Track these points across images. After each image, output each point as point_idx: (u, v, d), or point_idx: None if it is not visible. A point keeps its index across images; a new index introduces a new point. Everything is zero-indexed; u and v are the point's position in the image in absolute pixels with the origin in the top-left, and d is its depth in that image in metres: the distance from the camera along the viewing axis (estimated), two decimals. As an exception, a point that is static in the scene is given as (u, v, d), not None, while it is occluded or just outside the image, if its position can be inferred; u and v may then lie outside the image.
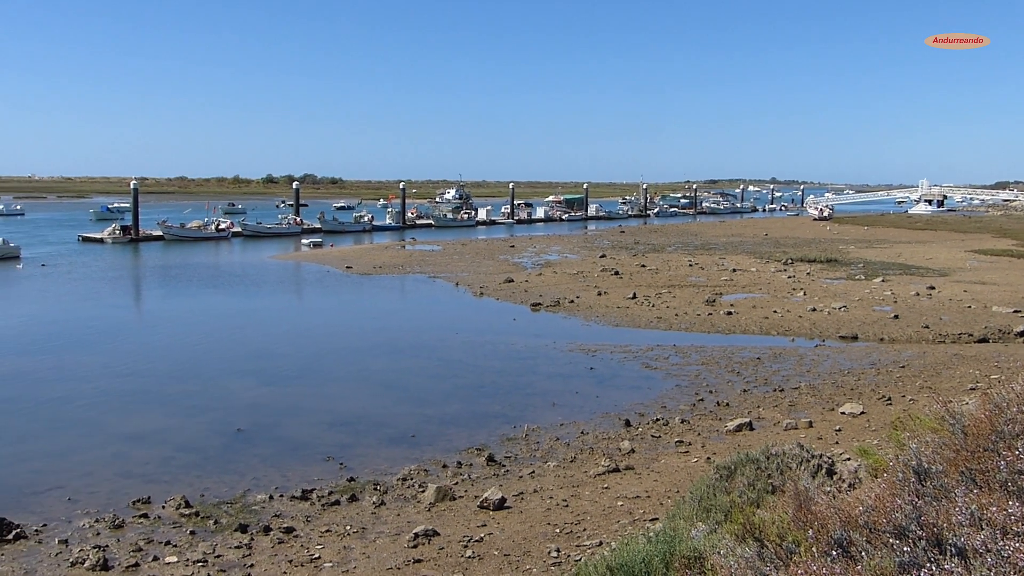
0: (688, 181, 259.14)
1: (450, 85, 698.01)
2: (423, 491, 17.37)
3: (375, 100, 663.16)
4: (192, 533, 15.47)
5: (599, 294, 46.16)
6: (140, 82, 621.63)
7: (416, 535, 14.76)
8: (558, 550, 13.99)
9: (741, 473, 11.94)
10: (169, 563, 14.16)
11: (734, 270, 58.03)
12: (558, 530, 15.01)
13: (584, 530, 14.94)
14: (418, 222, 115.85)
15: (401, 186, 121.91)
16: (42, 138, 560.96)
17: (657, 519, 14.47)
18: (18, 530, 15.46)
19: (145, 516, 16.41)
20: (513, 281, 52.25)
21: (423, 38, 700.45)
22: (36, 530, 15.75)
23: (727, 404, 24.27)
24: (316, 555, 14.35)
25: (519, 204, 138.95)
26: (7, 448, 20.67)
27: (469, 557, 13.98)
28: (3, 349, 32.44)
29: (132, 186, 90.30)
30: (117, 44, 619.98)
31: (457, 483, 18.07)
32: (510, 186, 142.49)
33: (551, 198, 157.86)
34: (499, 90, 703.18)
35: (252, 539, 15.12)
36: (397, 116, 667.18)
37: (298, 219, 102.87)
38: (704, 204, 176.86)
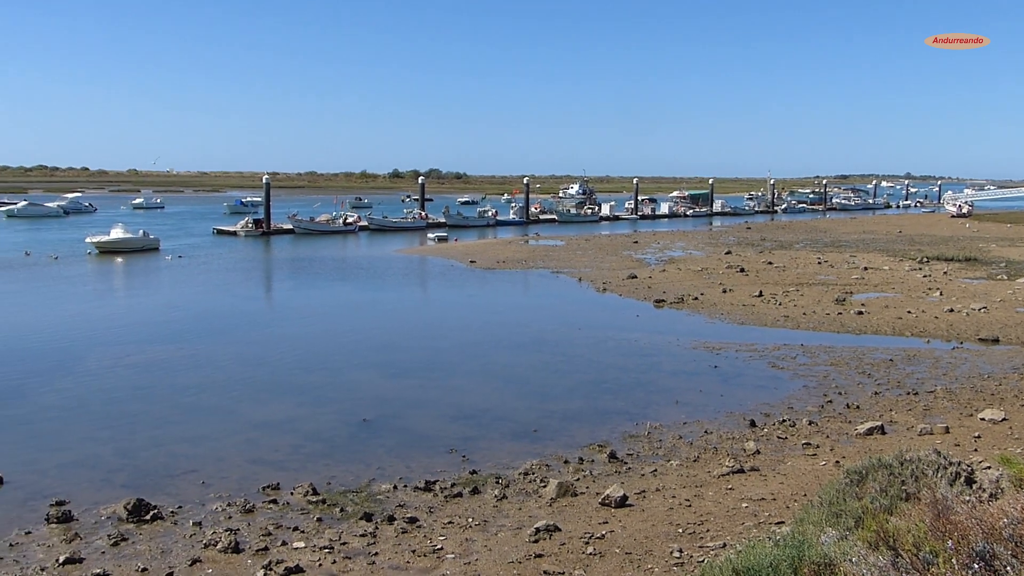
0: (817, 176, 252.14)
1: (577, 77, 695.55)
2: (544, 486, 17.38)
3: (500, 95, 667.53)
4: (319, 520, 15.83)
5: (724, 291, 45.43)
6: (272, 79, 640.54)
7: (537, 530, 14.77)
8: (680, 550, 13.80)
9: (873, 478, 11.53)
10: (297, 548, 14.52)
11: (865, 268, 56.29)
12: (680, 530, 14.81)
13: (707, 531, 14.70)
14: (541, 217, 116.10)
15: (525, 181, 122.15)
16: (180, 134, 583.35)
17: (783, 523, 14.13)
18: (155, 511, 16.09)
19: (274, 502, 16.87)
20: (636, 277, 51.87)
21: (551, 29, 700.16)
22: (172, 512, 16.37)
23: (857, 407, 23.55)
24: (439, 546, 14.50)
25: (643, 200, 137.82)
26: (146, 432, 21.55)
27: (590, 554, 13.91)
28: (143, 337, 33.84)
29: (264, 181, 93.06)
30: (251, 42, 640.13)
31: (578, 479, 18.02)
32: (634, 181, 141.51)
33: (675, 193, 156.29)
34: (625, 81, 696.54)
35: (376, 528, 15.38)
36: (521, 111, 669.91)
37: (423, 213, 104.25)
38: (834, 200, 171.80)
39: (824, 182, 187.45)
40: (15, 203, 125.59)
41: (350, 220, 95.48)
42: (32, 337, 33.85)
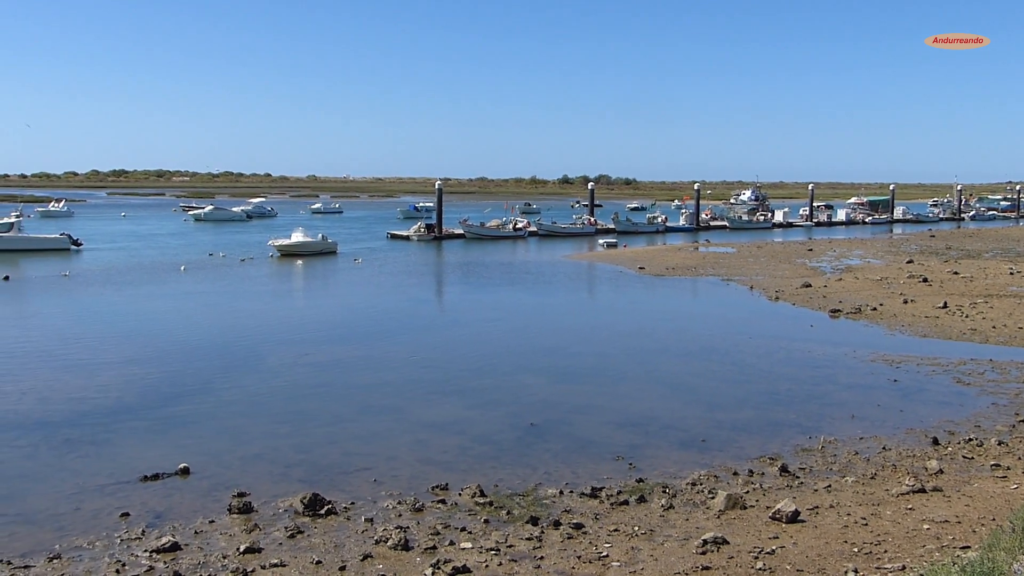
0: (1010, 182, 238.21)
1: (746, 77, 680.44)
2: (712, 497, 17.03)
3: (671, 99, 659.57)
4: (486, 522, 16.00)
5: (905, 302, 43.50)
6: (446, 87, 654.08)
7: (705, 542, 14.47)
8: (856, 570, 13.23)
9: (1071, 504, 10.78)
10: (464, 548, 14.70)
11: (1062, 280, 52.83)
12: (856, 549, 14.21)
13: (885, 552, 14.05)
14: (712, 224, 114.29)
15: (696, 187, 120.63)
16: (356, 141, 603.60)
17: (969, 547, 13.35)
18: (329, 506, 16.64)
19: (443, 502, 17.15)
20: (811, 286, 50.33)
21: (720, 25, 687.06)
22: (345, 507, 16.87)
23: (1052, 427, 22.07)
24: (604, 553, 14.40)
25: (818, 206, 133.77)
26: (322, 430, 22.32)
27: (759, 569, 13.52)
28: (320, 338, 35.11)
29: (436, 186, 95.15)
30: (419, 51, 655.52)
31: (748, 492, 17.58)
32: (809, 187, 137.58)
33: (853, 200, 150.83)
34: (800, 80, 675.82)
35: (542, 532, 15.42)
36: (692, 115, 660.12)
37: (592, 219, 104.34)
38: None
39: (1018, 188, 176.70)
40: (203, 208, 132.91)
41: (520, 225, 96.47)
42: (218, 335, 35.67)
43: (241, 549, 14.64)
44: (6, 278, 53.48)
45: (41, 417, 23.12)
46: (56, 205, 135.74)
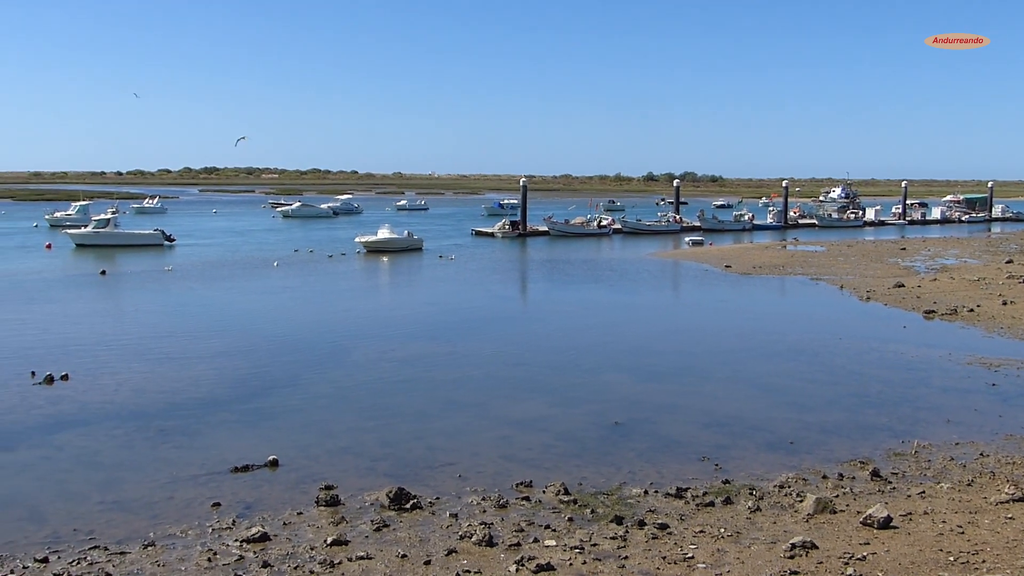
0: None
1: (842, 71, 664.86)
2: (801, 501, 16.70)
3: (757, 95, 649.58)
4: (570, 520, 15.94)
5: (1004, 303, 42.13)
6: (530, 84, 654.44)
7: (793, 546, 14.18)
8: (952, 580, 12.84)
9: None
10: (548, 546, 14.66)
11: None
12: (951, 558, 13.78)
13: (983, 562, 13.59)
14: (800, 222, 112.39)
15: (784, 184, 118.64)
16: (441, 139, 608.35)
17: (1072, 559, 12.86)
18: (415, 500, 16.75)
19: (527, 499, 17.15)
20: (904, 286, 49.09)
21: (814, 19, 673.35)
22: (430, 502, 16.98)
23: None
24: (689, 554, 14.22)
25: (912, 204, 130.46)
26: (408, 424, 22.51)
27: (850, 575, 13.21)
28: (406, 333, 35.43)
29: (521, 183, 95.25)
30: (505, 49, 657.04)
31: (838, 496, 17.19)
32: (902, 184, 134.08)
33: (949, 197, 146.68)
34: (894, 75, 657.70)
35: (627, 531, 15.30)
36: (780, 111, 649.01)
37: (677, 217, 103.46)
38: None
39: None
40: (290, 204, 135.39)
41: (604, 223, 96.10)
42: (306, 330, 36.25)
43: (328, 541, 14.83)
44: (103, 272, 55.19)
45: (136, 408, 23.77)
46: (150, 202, 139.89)
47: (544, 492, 17.49)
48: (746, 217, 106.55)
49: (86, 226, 77.43)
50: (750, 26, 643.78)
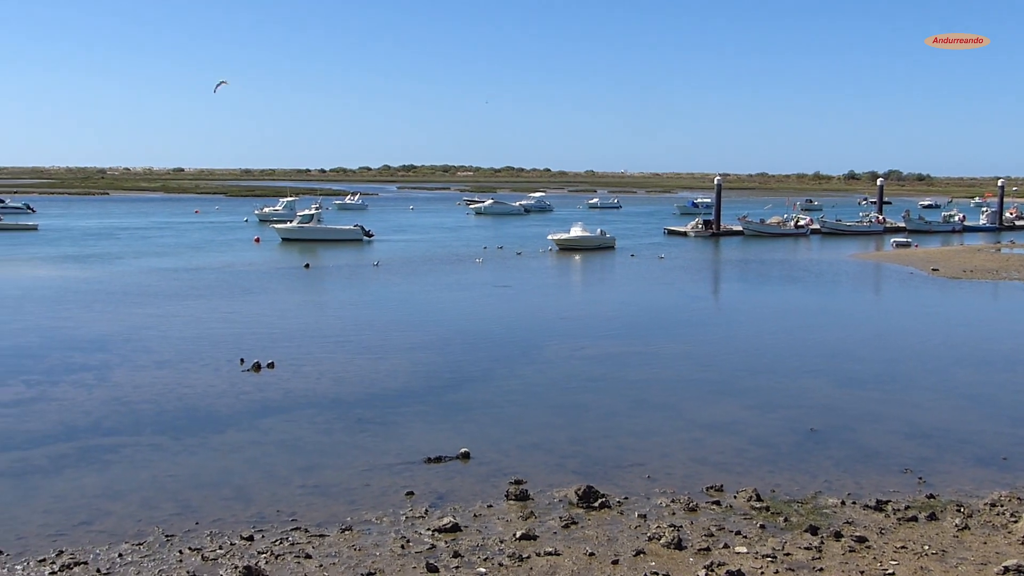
0: None
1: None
2: (1016, 521, 15.65)
3: (970, 85, 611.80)
4: (762, 527, 15.54)
5: None
6: (718, 78, 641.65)
7: (1006, 569, 13.33)
8: None
9: None
10: (739, 553, 14.34)
11: None
12: None
13: None
14: (1017, 223, 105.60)
15: (999, 183, 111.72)
16: (633, 136, 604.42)
17: None
18: (603, 499, 16.74)
19: (717, 503, 16.82)
20: None
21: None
22: (619, 501, 16.92)
23: None
24: (890, 571, 13.59)
25: None
26: (597, 423, 22.51)
27: (1070, 604, 12.30)
28: (596, 332, 35.44)
29: (716, 182, 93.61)
30: (696, 45, 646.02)
31: (1057, 517, 16.04)
32: None
33: None
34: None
35: (822, 542, 14.76)
36: (994, 103, 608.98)
37: (881, 217, 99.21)
38: None
39: None
40: (483, 202, 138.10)
41: (802, 223, 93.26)
42: (498, 325, 36.83)
43: (517, 535, 15.00)
44: (306, 266, 57.87)
45: (336, 397, 24.77)
46: (352, 198, 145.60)
47: (735, 497, 17.13)
48: (956, 218, 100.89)
49: (291, 221, 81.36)
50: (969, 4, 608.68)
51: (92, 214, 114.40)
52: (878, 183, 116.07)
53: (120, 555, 14.38)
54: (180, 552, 14.52)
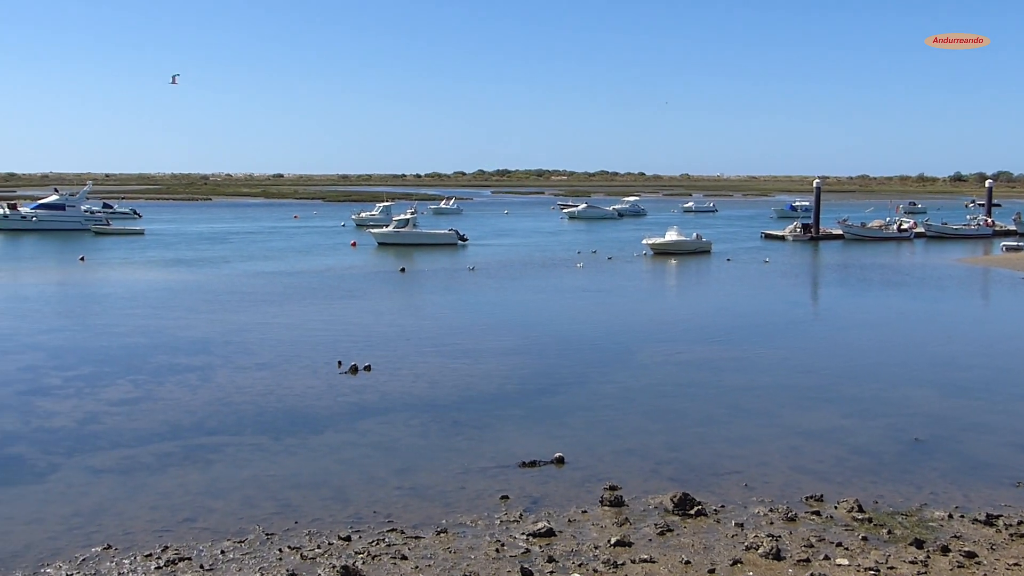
0: None
1: None
2: None
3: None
4: (864, 539, 15.10)
5: None
6: (818, 76, 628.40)
7: None
8: None
9: None
10: (840, 565, 13.96)
11: None
12: None
13: None
14: None
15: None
16: (729, 139, 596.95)
17: None
18: (699, 507, 16.48)
19: (817, 513, 16.42)
20: None
21: None
22: (715, 509, 16.64)
23: None
24: (1000, 588, 13.09)
25: None
26: (693, 429, 22.22)
27: None
28: (691, 337, 35.04)
29: (815, 185, 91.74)
30: (795, 42, 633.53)
31: None
32: None
33: None
34: None
35: (928, 556, 14.28)
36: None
37: (990, 220, 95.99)
38: None
39: None
40: (577, 206, 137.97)
41: (905, 226, 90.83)
42: (592, 329, 36.67)
43: (612, 541, 14.87)
44: (402, 270, 58.52)
45: (431, 399, 24.95)
46: (447, 203, 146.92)
47: (836, 508, 16.70)
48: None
49: (387, 226, 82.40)
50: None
51: (201, 219, 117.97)
52: (987, 184, 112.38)
53: (222, 552, 14.71)
54: (280, 551, 14.78)
